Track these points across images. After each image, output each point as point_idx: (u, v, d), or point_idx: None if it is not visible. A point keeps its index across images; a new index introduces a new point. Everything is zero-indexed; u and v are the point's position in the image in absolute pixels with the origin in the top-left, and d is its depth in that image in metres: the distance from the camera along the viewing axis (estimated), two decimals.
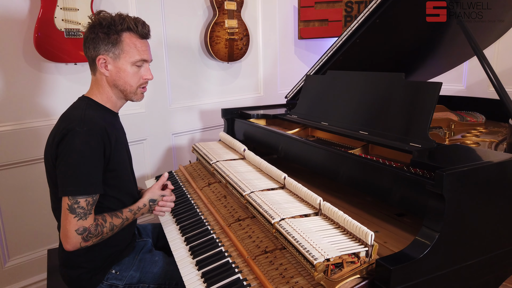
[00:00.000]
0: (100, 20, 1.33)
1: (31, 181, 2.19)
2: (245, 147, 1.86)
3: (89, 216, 1.25)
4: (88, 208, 1.25)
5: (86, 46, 1.36)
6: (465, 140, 1.72)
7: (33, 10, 2.08)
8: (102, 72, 1.36)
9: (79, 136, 1.23)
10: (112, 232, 1.33)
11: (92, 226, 1.26)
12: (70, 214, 1.22)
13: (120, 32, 1.34)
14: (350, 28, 1.97)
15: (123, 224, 1.38)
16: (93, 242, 1.28)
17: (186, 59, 2.87)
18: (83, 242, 1.25)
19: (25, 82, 2.14)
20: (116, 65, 1.36)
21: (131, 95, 1.42)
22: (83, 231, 1.23)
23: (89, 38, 1.34)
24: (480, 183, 1.08)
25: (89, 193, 1.24)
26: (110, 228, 1.32)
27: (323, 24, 3.44)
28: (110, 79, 1.37)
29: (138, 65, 1.39)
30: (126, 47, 1.35)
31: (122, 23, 1.34)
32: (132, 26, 1.36)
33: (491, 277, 1.21)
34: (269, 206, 1.26)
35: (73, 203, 1.22)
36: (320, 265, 0.92)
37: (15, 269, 2.21)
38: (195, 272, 1.21)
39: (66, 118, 1.32)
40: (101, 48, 1.33)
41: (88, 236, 1.25)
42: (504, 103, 1.39)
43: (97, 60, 1.34)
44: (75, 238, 1.23)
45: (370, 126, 1.54)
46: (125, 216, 1.38)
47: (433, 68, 2.48)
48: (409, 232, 1.25)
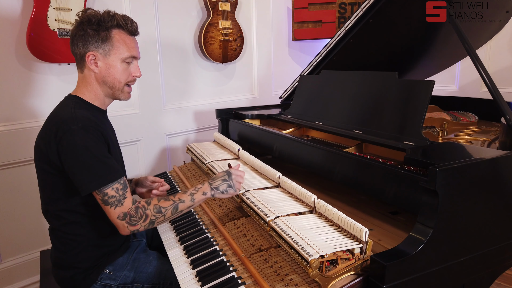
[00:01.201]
0: (88, 17, 1.32)
1: (22, 182, 2.17)
2: (240, 147, 1.86)
3: (124, 201, 1.24)
4: (120, 194, 1.23)
5: (74, 44, 1.34)
6: (458, 139, 1.74)
7: (26, 10, 2.07)
8: (91, 69, 1.34)
9: (76, 133, 1.21)
10: (162, 216, 1.26)
11: (132, 209, 1.24)
12: (106, 206, 1.22)
13: (110, 29, 1.33)
14: (344, 28, 1.98)
15: (176, 207, 1.29)
16: (143, 226, 1.24)
17: (180, 60, 2.86)
18: (130, 226, 1.23)
19: (18, 82, 2.12)
20: (106, 62, 1.35)
21: (118, 92, 1.40)
22: (123, 216, 1.22)
23: (78, 35, 1.32)
24: (473, 179, 1.09)
25: (112, 180, 1.23)
26: (156, 211, 1.26)
27: (317, 25, 3.46)
28: (99, 75, 1.36)
29: (128, 62, 1.38)
30: (116, 43, 1.34)
31: (111, 19, 1.33)
32: (122, 22, 1.35)
33: (484, 273, 1.21)
34: (264, 205, 1.26)
35: (103, 196, 1.22)
36: (314, 261, 0.92)
37: (8, 271, 2.19)
38: (189, 271, 1.20)
39: (54, 118, 1.30)
40: (91, 44, 1.32)
41: (132, 220, 1.23)
42: (497, 103, 1.40)
43: (87, 57, 1.33)
44: (121, 224, 1.22)
45: (364, 125, 1.54)
46: (178, 198, 1.30)
47: (426, 69, 2.50)
48: (403, 230, 1.26)
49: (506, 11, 2.02)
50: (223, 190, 1.36)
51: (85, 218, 1.33)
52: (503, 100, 1.40)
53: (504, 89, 2.63)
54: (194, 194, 1.33)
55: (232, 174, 1.39)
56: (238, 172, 1.42)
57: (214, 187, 1.35)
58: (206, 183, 1.36)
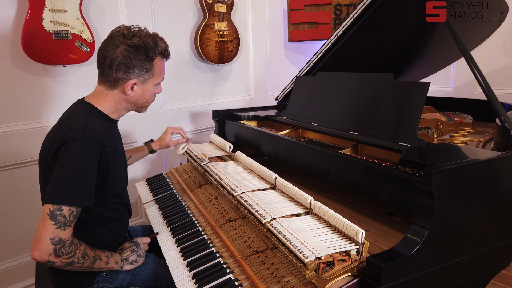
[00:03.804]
0: (135, 45, 1.28)
1: (19, 184, 2.16)
2: (230, 144, 1.87)
3: (68, 229, 1.18)
4: (69, 219, 1.18)
5: (113, 68, 1.29)
6: (453, 140, 1.74)
7: (21, 11, 2.06)
8: (126, 93, 1.34)
9: (77, 144, 1.20)
10: (81, 263, 1.22)
11: (68, 240, 1.18)
12: (50, 220, 1.14)
13: (154, 58, 1.34)
14: (340, 29, 1.98)
15: (95, 261, 1.26)
16: (61, 263, 1.17)
17: (176, 61, 2.86)
18: (53, 255, 1.15)
19: (13, 84, 2.11)
20: (143, 88, 1.36)
21: (143, 109, 1.45)
22: (58, 242, 1.15)
23: (122, 61, 1.28)
24: (468, 180, 1.09)
25: (75, 204, 1.18)
26: (82, 255, 1.22)
27: (313, 26, 3.46)
28: (132, 98, 1.37)
29: (157, 84, 1.42)
30: (156, 71, 1.37)
31: (156, 47, 1.33)
32: (163, 50, 1.37)
33: (480, 274, 1.22)
34: (260, 206, 1.26)
35: (55, 209, 1.15)
36: (311, 263, 0.92)
37: (4, 274, 2.18)
38: (186, 273, 1.20)
39: (66, 125, 1.28)
40: (134, 73, 1.31)
41: (61, 250, 1.16)
42: (491, 104, 1.41)
43: (127, 84, 1.31)
44: (47, 246, 1.13)
45: (360, 126, 1.55)
46: (98, 254, 1.28)
47: (421, 70, 2.51)
48: (399, 230, 1.26)
49: (500, 12, 2.03)
50: (132, 261, 1.40)
51: (81, 223, 1.32)
52: (498, 101, 1.41)
53: (498, 90, 2.65)
54: (109, 258, 1.33)
55: (140, 244, 1.46)
56: (144, 239, 1.49)
57: (123, 258, 1.39)
58: (117, 253, 1.39)
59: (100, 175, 1.28)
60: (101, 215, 1.35)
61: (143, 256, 1.44)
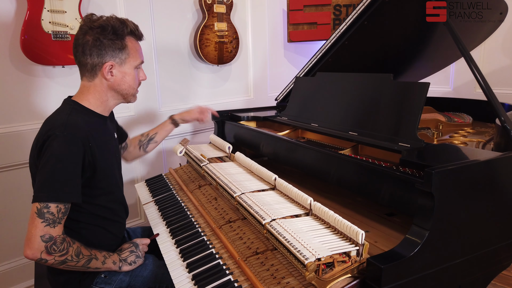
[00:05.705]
0: (101, 25, 1.29)
1: (17, 186, 2.16)
2: (230, 145, 1.86)
3: (58, 226, 1.17)
4: (58, 217, 1.17)
5: (85, 53, 1.30)
6: (453, 140, 1.74)
7: (20, 12, 2.05)
8: (106, 78, 1.33)
9: (58, 140, 1.19)
10: (76, 261, 1.21)
11: (59, 238, 1.17)
12: (38, 218, 1.14)
13: (124, 37, 1.33)
14: (339, 30, 1.98)
15: (90, 260, 1.25)
16: (54, 261, 1.16)
17: (175, 62, 2.86)
18: (45, 253, 1.14)
19: (12, 85, 2.11)
20: (122, 70, 1.35)
21: (130, 97, 1.43)
22: (48, 239, 1.14)
23: (90, 45, 1.28)
24: (468, 181, 1.09)
25: (61, 200, 1.17)
26: (76, 253, 1.21)
27: (312, 27, 3.46)
28: (113, 84, 1.36)
29: (138, 67, 1.41)
30: (131, 51, 1.35)
31: (124, 27, 1.33)
32: (133, 29, 1.36)
33: (480, 275, 1.22)
34: (260, 207, 1.25)
35: (42, 207, 1.14)
36: (311, 264, 0.92)
37: (3, 275, 2.17)
38: (185, 275, 1.19)
39: (49, 123, 1.28)
40: (108, 54, 1.31)
41: (52, 248, 1.15)
42: (491, 104, 1.41)
43: (104, 67, 1.31)
44: (38, 244, 1.13)
45: (360, 127, 1.54)
46: (94, 254, 1.27)
47: (421, 70, 2.51)
48: (399, 231, 1.26)
49: (500, 12, 2.03)
50: (131, 262, 1.40)
51: (74, 222, 1.31)
52: (497, 101, 1.41)
53: (498, 90, 2.65)
54: (107, 258, 1.32)
55: (139, 245, 1.45)
56: (143, 240, 1.49)
57: (122, 259, 1.38)
58: (116, 254, 1.38)
59: (87, 171, 1.27)
60: (94, 213, 1.35)
61: (142, 257, 1.44)
